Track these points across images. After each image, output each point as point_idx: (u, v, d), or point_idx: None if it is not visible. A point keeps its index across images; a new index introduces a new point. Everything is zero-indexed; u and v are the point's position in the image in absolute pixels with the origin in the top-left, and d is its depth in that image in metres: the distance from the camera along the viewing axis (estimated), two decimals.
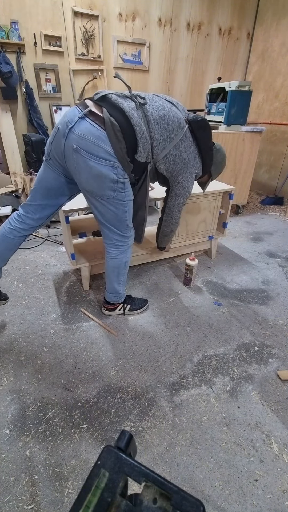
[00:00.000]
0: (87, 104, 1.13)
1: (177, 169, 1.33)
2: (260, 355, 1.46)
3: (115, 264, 1.48)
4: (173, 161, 1.29)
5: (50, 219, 1.53)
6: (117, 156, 1.12)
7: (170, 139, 1.23)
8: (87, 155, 1.11)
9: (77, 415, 1.17)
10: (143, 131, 1.14)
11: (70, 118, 1.11)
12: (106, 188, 1.19)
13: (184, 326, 1.64)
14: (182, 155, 1.29)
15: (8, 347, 1.49)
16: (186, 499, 0.35)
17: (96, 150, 1.10)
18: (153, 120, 1.17)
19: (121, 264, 1.48)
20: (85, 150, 1.10)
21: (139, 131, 1.13)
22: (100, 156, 1.11)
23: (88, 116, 1.10)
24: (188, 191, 1.44)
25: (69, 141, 1.12)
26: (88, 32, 3.15)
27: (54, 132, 1.20)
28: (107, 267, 1.51)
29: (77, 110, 1.12)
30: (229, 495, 0.94)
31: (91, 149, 1.10)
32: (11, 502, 0.91)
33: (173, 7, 3.44)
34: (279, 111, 3.78)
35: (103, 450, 0.40)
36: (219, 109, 2.91)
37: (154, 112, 1.18)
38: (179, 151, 1.28)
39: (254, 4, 3.81)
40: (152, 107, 1.19)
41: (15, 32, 2.81)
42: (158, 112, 1.19)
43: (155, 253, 2.09)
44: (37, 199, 1.40)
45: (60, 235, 2.74)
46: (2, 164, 3.23)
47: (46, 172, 1.33)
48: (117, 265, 1.48)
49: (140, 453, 1.05)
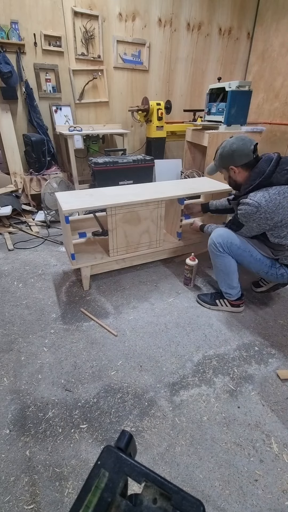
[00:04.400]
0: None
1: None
2: (260, 355, 1.46)
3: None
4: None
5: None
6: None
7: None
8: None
9: (77, 415, 1.17)
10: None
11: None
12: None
13: (184, 326, 1.64)
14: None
15: (8, 347, 1.49)
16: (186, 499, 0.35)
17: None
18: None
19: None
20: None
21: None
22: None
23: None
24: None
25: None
26: (88, 32, 3.15)
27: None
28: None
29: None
30: (229, 495, 0.94)
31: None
32: (11, 502, 0.91)
33: (173, 7, 3.44)
34: (279, 111, 3.78)
35: (103, 450, 0.40)
36: (219, 109, 2.91)
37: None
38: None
39: (254, 4, 3.81)
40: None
41: (15, 32, 2.81)
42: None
43: (156, 253, 2.10)
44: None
45: (60, 235, 2.74)
46: (2, 164, 3.23)
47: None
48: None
49: (140, 453, 1.05)
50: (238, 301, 1.72)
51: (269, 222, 1.37)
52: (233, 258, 1.58)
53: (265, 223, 1.38)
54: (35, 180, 3.14)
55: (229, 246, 1.54)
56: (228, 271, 1.62)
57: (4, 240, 2.59)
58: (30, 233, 2.76)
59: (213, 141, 2.79)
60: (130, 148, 3.86)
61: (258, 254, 1.53)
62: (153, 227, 1.93)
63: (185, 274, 1.95)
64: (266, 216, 1.35)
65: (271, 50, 3.76)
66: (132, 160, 2.97)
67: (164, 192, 1.95)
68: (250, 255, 1.54)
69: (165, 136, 3.56)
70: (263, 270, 1.56)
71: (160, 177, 3.41)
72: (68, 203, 1.67)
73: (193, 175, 3.25)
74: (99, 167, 2.82)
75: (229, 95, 2.71)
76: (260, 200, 1.34)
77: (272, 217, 1.35)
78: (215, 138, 2.79)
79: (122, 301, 1.84)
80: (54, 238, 2.68)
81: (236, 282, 1.66)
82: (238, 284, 1.67)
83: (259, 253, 1.54)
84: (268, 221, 1.37)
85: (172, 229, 2.16)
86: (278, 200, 1.33)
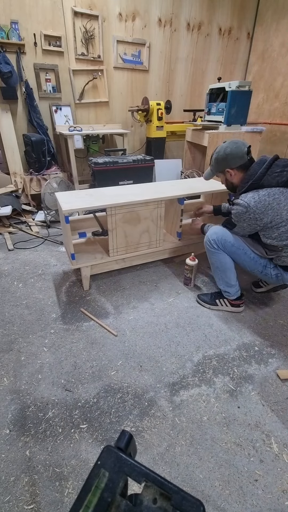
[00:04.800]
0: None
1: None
2: (260, 355, 1.46)
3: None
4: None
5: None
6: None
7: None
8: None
9: (77, 415, 1.17)
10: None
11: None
12: None
13: (184, 326, 1.64)
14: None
15: (8, 347, 1.49)
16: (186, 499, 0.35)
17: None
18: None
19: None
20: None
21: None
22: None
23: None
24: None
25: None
26: (88, 32, 3.15)
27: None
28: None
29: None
30: (229, 495, 0.94)
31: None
32: (11, 502, 0.91)
33: (173, 7, 3.44)
34: (279, 111, 3.78)
35: (103, 450, 0.40)
36: (219, 109, 2.91)
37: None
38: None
39: (254, 4, 3.81)
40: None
41: (15, 32, 2.81)
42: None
43: (155, 253, 2.10)
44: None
45: (60, 235, 2.74)
46: (2, 164, 3.22)
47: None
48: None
49: (140, 453, 1.05)
50: (238, 301, 1.72)
51: (258, 222, 1.40)
52: (228, 255, 1.59)
53: (255, 223, 1.41)
54: (35, 180, 3.14)
55: (223, 243, 1.57)
56: (224, 268, 1.64)
57: (4, 240, 2.59)
58: (30, 233, 2.76)
59: (213, 141, 2.79)
60: (130, 148, 3.86)
61: (252, 253, 1.55)
62: (153, 227, 1.93)
63: (185, 274, 1.95)
64: (255, 216, 1.38)
65: (271, 50, 3.76)
66: (132, 160, 2.97)
67: (164, 192, 1.95)
68: (244, 253, 1.56)
69: (165, 136, 3.56)
70: (257, 270, 1.58)
71: (160, 177, 3.41)
72: (68, 203, 1.67)
73: (193, 175, 3.25)
74: (99, 167, 2.82)
75: (229, 95, 2.71)
76: (250, 201, 1.38)
77: (261, 217, 1.38)
78: (215, 138, 2.79)
79: (122, 301, 1.84)
80: (54, 238, 2.68)
81: (233, 280, 1.67)
82: (236, 282, 1.68)
83: (253, 252, 1.55)
84: (257, 221, 1.40)
85: (172, 229, 2.16)
86: (267, 202, 1.35)
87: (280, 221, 1.37)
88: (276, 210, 1.36)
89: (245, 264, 1.59)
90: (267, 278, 1.59)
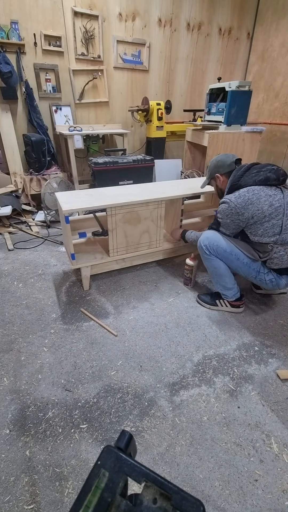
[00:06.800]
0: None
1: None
2: (260, 355, 1.46)
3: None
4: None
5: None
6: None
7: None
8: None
9: (77, 415, 1.17)
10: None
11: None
12: None
13: (184, 326, 1.64)
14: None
15: (8, 347, 1.49)
16: (186, 499, 0.35)
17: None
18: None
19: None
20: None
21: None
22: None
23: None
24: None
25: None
26: (88, 32, 3.15)
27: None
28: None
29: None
30: (229, 495, 0.94)
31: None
32: (11, 502, 0.91)
33: (173, 7, 3.44)
34: (279, 111, 3.78)
35: (103, 450, 0.40)
36: (219, 109, 2.91)
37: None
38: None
39: (254, 4, 3.81)
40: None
41: (15, 32, 2.81)
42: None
43: (155, 253, 2.10)
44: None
45: (60, 235, 2.74)
46: (2, 164, 3.22)
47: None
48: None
49: (140, 453, 1.05)
50: (238, 301, 1.72)
51: (240, 217, 1.44)
52: (221, 261, 1.61)
53: (237, 218, 1.45)
54: (35, 180, 3.14)
55: (216, 249, 1.59)
56: (219, 272, 1.65)
57: (4, 240, 2.59)
58: (30, 233, 2.76)
59: (213, 141, 2.79)
60: (130, 148, 3.86)
61: (245, 258, 1.56)
62: (153, 227, 1.93)
63: (185, 274, 1.95)
64: (236, 211, 1.44)
65: (271, 50, 3.76)
66: (132, 160, 2.97)
67: (164, 192, 1.95)
68: (237, 259, 1.57)
69: (165, 136, 3.56)
70: (251, 275, 1.58)
71: (160, 177, 3.41)
72: (68, 203, 1.67)
73: (193, 175, 3.24)
74: (99, 167, 2.82)
75: (229, 95, 2.70)
76: (231, 197, 1.47)
77: (242, 212, 1.43)
78: (215, 138, 2.79)
79: (122, 301, 1.84)
80: (54, 238, 2.68)
81: (230, 283, 1.67)
82: (233, 286, 1.68)
83: (246, 256, 1.56)
84: (239, 216, 1.44)
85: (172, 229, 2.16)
86: (246, 197, 1.42)
87: (262, 216, 1.41)
88: (257, 204, 1.40)
89: (239, 269, 1.60)
90: (262, 284, 1.60)
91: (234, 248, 1.56)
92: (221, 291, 1.72)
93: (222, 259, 1.60)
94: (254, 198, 1.40)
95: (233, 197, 1.45)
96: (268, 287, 1.59)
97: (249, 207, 1.41)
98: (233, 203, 1.44)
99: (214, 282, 1.73)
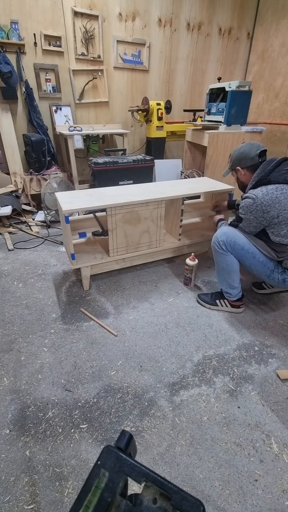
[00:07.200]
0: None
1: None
2: (260, 355, 1.46)
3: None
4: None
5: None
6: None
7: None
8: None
9: (77, 415, 1.17)
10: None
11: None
12: None
13: (184, 326, 1.64)
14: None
15: (8, 347, 1.49)
16: (186, 499, 0.35)
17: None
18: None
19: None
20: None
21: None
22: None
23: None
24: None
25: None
26: (88, 32, 3.14)
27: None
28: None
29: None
30: (229, 495, 0.94)
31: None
32: (11, 502, 0.91)
33: (173, 7, 3.44)
34: (279, 111, 3.78)
35: (103, 450, 0.40)
36: (219, 109, 2.91)
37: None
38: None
39: (254, 4, 3.81)
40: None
41: (15, 32, 2.81)
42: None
43: (155, 253, 2.10)
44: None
45: (60, 235, 2.74)
46: (2, 164, 3.22)
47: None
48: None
49: (140, 453, 1.05)
50: (239, 302, 1.71)
51: (265, 215, 1.40)
52: (236, 258, 1.58)
53: (262, 216, 1.41)
54: (35, 180, 3.14)
55: (233, 246, 1.54)
56: (229, 270, 1.62)
57: (4, 240, 2.59)
58: (30, 233, 2.76)
59: (213, 141, 2.79)
60: (130, 148, 3.86)
61: (262, 256, 1.53)
62: (153, 227, 1.93)
63: (185, 274, 1.95)
64: (262, 208, 1.39)
65: (271, 50, 3.76)
66: (132, 160, 2.97)
67: (164, 192, 1.95)
68: (253, 257, 1.53)
69: (165, 136, 3.56)
70: (265, 273, 1.56)
71: (160, 177, 3.41)
72: (68, 203, 1.67)
73: (193, 175, 3.24)
74: (99, 167, 2.82)
75: (229, 95, 2.70)
76: (257, 193, 1.41)
77: (268, 210, 1.38)
78: (215, 138, 2.79)
79: (122, 301, 1.84)
80: (54, 238, 2.68)
81: (237, 282, 1.66)
82: (239, 284, 1.67)
83: (262, 254, 1.53)
84: (264, 214, 1.40)
85: (172, 229, 2.16)
86: (275, 195, 1.37)
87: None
88: (284, 204, 1.37)
89: (253, 267, 1.57)
90: (273, 282, 1.58)
91: (252, 246, 1.52)
92: (225, 290, 1.70)
93: (236, 256, 1.57)
94: (282, 198, 1.37)
95: (260, 193, 1.39)
96: (280, 286, 1.57)
97: (275, 206, 1.37)
98: (259, 200, 1.38)
99: (220, 280, 1.71)
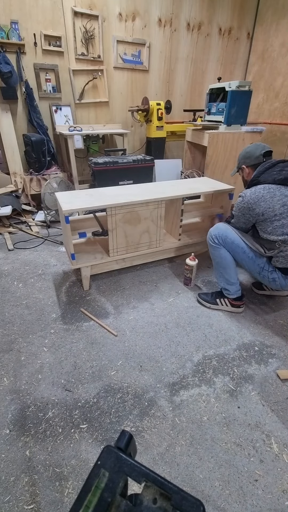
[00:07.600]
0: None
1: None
2: (260, 355, 1.46)
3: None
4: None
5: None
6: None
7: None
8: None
9: (77, 415, 1.17)
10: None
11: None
12: None
13: (184, 326, 1.64)
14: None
15: (8, 347, 1.49)
16: (186, 499, 0.35)
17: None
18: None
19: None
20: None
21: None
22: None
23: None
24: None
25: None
26: (88, 32, 3.14)
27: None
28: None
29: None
30: (229, 495, 0.94)
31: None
32: (11, 502, 0.91)
33: (173, 7, 3.44)
34: (279, 111, 3.78)
35: (103, 450, 0.40)
36: (219, 109, 2.91)
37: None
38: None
39: (254, 4, 3.81)
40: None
41: (15, 32, 2.81)
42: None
43: (155, 253, 2.09)
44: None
45: (60, 235, 2.74)
46: (2, 164, 3.22)
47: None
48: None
49: (140, 453, 1.05)
50: (239, 301, 1.72)
51: (251, 212, 1.47)
52: (228, 252, 1.63)
53: (248, 213, 1.49)
54: (35, 180, 3.14)
55: (224, 239, 1.61)
56: (224, 264, 1.66)
57: (4, 240, 2.59)
58: (30, 233, 2.76)
59: (213, 141, 2.79)
60: (130, 148, 3.86)
61: (251, 252, 1.58)
62: (153, 227, 1.93)
63: (185, 274, 1.95)
64: (248, 206, 1.47)
65: (271, 50, 3.76)
66: (132, 160, 2.97)
67: (164, 192, 1.95)
68: (243, 252, 1.59)
69: (165, 136, 3.56)
70: (255, 270, 1.59)
71: (160, 177, 3.41)
72: (68, 203, 1.67)
73: (193, 175, 3.24)
74: (99, 167, 2.82)
75: (229, 95, 2.70)
76: (246, 192, 1.50)
77: (253, 207, 1.45)
78: (215, 138, 2.79)
79: (122, 301, 1.84)
80: (54, 238, 2.68)
81: (234, 278, 1.68)
82: (236, 280, 1.69)
83: (251, 250, 1.58)
84: (250, 211, 1.47)
85: (172, 229, 2.16)
86: (261, 194, 1.44)
87: (273, 214, 1.42)
88: (269, 202, 1.42)
89: (243, 263, 1.62)
90: (265, 282, 1.61)
91: (241, 241, 1.59)
92: (223, 286, 1.72)
93: (229, 250, 1.62)
94: (268, 196, 1.42)
95: (248, 192, 1.48)
96: (271, 285, 1.60)
97: (261, 204, 1.43)
98: (246, 198, 1.47)
99: (218, 276, 1.74)
